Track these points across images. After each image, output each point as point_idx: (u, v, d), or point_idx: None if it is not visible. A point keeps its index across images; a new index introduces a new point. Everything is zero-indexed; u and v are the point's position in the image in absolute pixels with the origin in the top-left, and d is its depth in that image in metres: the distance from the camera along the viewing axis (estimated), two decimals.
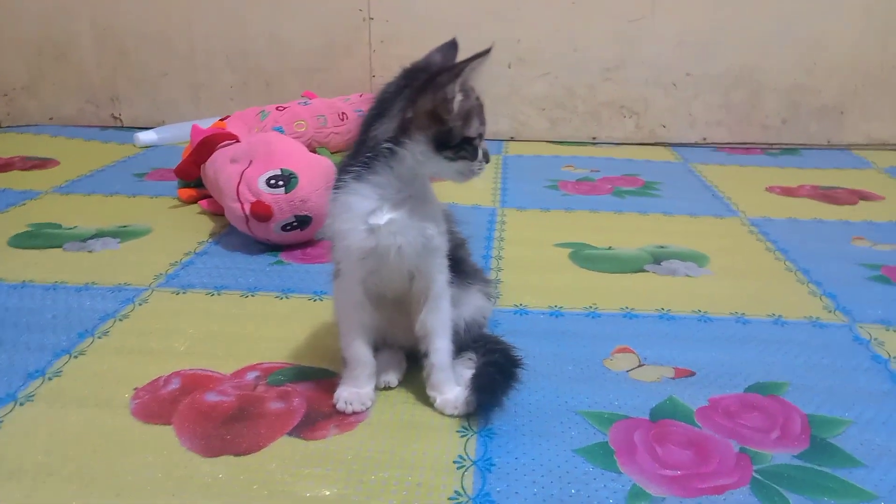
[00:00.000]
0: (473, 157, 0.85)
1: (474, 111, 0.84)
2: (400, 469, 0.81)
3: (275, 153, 1.41)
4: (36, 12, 2.48)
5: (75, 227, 1.55)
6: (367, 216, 0.85)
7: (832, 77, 2.36)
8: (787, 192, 1.90)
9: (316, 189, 1.39)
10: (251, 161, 1.42)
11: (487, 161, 0.88)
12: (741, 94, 2.39)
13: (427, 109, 0.82)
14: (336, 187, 0.87)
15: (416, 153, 0.84)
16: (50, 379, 0.98)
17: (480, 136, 0.86)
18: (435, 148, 0.84)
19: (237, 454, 0.83)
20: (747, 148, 2.40)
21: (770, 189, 1.92)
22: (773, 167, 2.17)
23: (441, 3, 2.36)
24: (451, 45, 0.89)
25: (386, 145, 0.84)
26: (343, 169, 0.87)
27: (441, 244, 0.90)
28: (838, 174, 2.08)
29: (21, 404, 0.92)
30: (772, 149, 2.40)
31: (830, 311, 1.21)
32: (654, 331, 1.14)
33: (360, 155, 0.86)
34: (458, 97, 0.82)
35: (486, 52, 0.82)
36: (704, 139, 2.44)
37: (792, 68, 2.36)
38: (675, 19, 2.33)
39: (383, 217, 0.85)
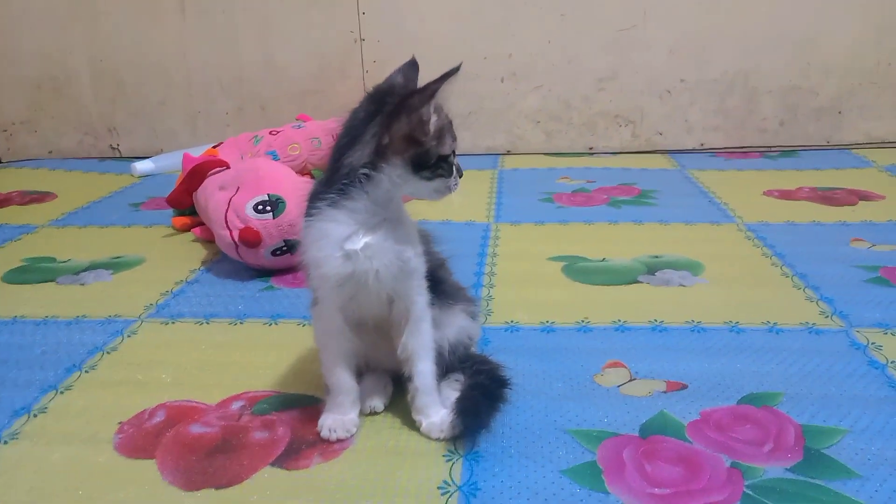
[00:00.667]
0: (449, 173, 0.85)
1: (446, 128, 0.84)
2: (383, 497, 0.80)
3: (262, 179, 1.41)
4: (34, 49, 2.51)
5: (69, 260, 1.55)
6: (342, 242, 0.85)
7: (828, 77, 2.34)
8: (786, 195, 1.88)
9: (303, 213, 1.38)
10: (238, 188, 1.42)
11: (461, 175, 0.87)
12: (737, 98, 2.38)
13: (403, 133, 0.82)
14: (310, 215, 0.87)
15: (394, 176, 0.83)
16: (35, 416, 0.97)
17: (453, 152, 0.85)
18: (413, 170, 0.83)
19: (218, 487, 0.82)
20: (745, 152, 2.38)
21: (768, 193, 1.90)
22: (771, 170, 2.14)
23: (431, 22, 2.36)
24: (412, 65, 0.89)
25: (363, 171, 0.83)
26: (316, 196, 0.87)
27: (419, 266, 0.89)
28: (838, 175, 2.06)
29: (5, 443, 0.92)
30: (770, 152, 2.38)
31: (827, 317, 1.18)
32: (646, 344, 1.12)
33: (335, 182, 0.85)
34: (434, 118, 0.82)
35: (456, 69, 0.81)
36: (702, 145, 2.43)
37: (787, 70, 2.34)
38: (666, 26, 2.32)
39: (359, 242, 0.84)
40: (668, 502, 0.78)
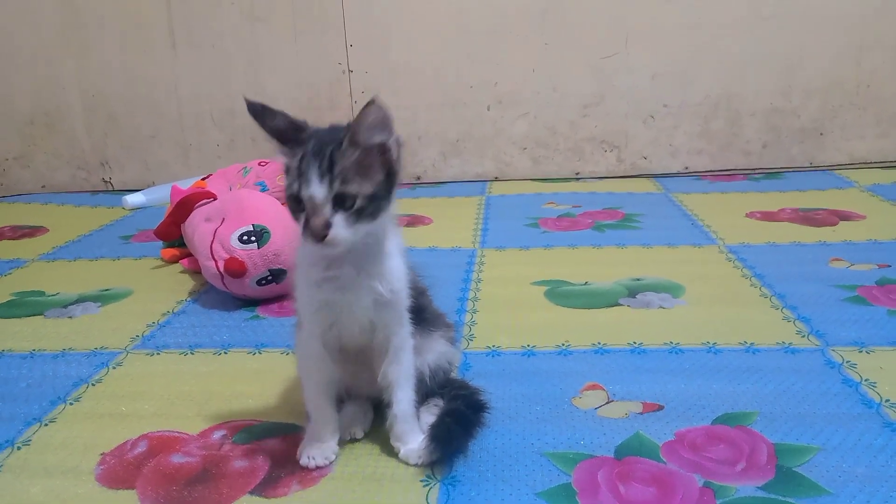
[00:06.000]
0: (293, 215, 0.83)
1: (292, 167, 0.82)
2: None
3: (246, 209, 1.43)
4: (27, 85, 2.55)
5: (58, 293, 1.57)
6: (314, 270, 0.87)
7: (809, 99, 2.38)
8: (768, 216, 1.91)
9: (289, 242, 1.40)
10: (223, 219, 1.44)
11: (312, 233, 0.80)
12: (720, 121, 2.41)
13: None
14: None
15: None
16: (19, 448, 0.98)
17: (293, 196, 0.81)
18: None
19: None
20: (730, 174, 2.41)
21: (750, 215, 1.92)
22: (754, 192, 2.17)
23: (417, 52, 2.41)
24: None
25: None
26: None
27: (396, 300, 0.90)
28: (820, 196, 2.09)
29: None
30: (754, 174, 2.41)
31: (804, 336, 1.20)
32: (625, 365, 1.13)
33: None
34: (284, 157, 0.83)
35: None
36: (686, 168, 2.46)
37: (769, 92, 2.38)
38: (648, 53, 2.36)
39: (328, 272, 0.86)
40: None
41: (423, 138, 2.49)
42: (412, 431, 0.92)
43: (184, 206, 1.62)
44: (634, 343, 1.20)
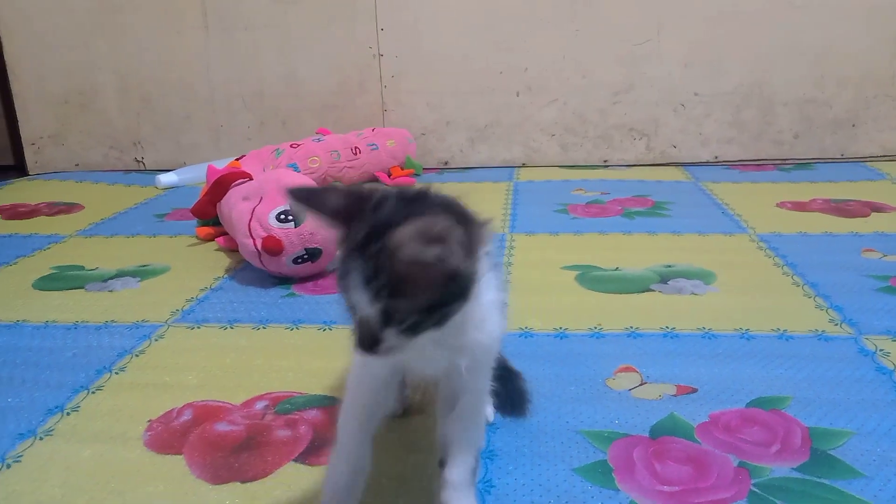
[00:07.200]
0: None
1: None
2: (399, 488, 0.83)
3: (284, 189, 1.45)
4: (61, 65, 2.59)
5: (97, 268, 1.61)
6: None
7: (842, 89, 2.36)
8: (799, 206, 1.90)
9: None
10: (261, 198, 1.47)
11: (359, 344, 0.64)
12: (751, 110, 2.40)
13: None
14: None
15: None
16: (68, 414, 1.02)
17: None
18: None
19: (244, 481, 0.86)
20: (760, 164, 2.40)
21: (781, 204, 1.92)
22: (785, 182, 2.16)
23: (447, 37, 2.42)
24: None
25: None
26: None
27: (478, 369, 0.74)
28: (851, 187, 2.07)
29: (41, 439, 0.96)
30: (785, 164, 2.40)
31: (836, 324, 1.20)
32: (658, 349, 1.15)
33: None
34: None
35: None
36: (717, 158, 2.45)
37: (801, 82, 2.36)
38: (680, 40, 2.36)
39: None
40: (677, 499, 0.80)
41: (451, 123, 2.50)
42: (465, 499, 0.74)
43: (220, 186, 1.65)
44: (667, 328, 1.21)
